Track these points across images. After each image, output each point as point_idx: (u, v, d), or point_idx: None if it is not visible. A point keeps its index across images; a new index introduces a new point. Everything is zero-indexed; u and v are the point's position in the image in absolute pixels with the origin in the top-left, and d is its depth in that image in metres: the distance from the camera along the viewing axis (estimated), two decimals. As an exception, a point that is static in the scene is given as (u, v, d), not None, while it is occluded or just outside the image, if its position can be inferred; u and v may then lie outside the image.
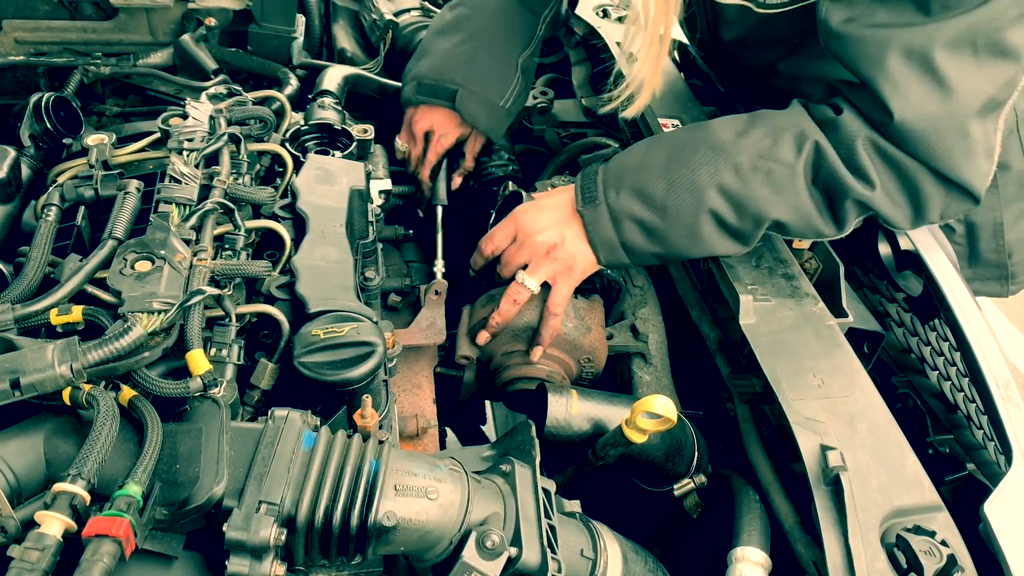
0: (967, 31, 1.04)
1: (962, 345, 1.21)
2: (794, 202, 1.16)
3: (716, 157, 1.16)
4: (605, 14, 1.90)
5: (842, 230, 1.19)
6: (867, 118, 1.12)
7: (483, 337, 1.28)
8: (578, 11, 1.86)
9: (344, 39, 1.86)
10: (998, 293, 1.60)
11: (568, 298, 1.27)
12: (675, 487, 1.15)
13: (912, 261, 1.34)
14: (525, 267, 1.26)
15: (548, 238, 1.24)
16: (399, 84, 1.67)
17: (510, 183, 1.42)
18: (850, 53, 1.11)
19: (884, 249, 1.39)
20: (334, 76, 1.57)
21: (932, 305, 1.31)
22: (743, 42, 1.49)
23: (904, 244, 1.34)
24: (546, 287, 1.26)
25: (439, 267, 1.39)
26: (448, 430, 1.47)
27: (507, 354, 1.31)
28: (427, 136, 1.57)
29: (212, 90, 1.32)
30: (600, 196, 1.21)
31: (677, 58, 1.98)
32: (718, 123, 1.22)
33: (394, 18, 1.85)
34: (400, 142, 1.60)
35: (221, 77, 1.56)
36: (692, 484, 1.14)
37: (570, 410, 1.11)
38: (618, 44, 1.78)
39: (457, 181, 1.63)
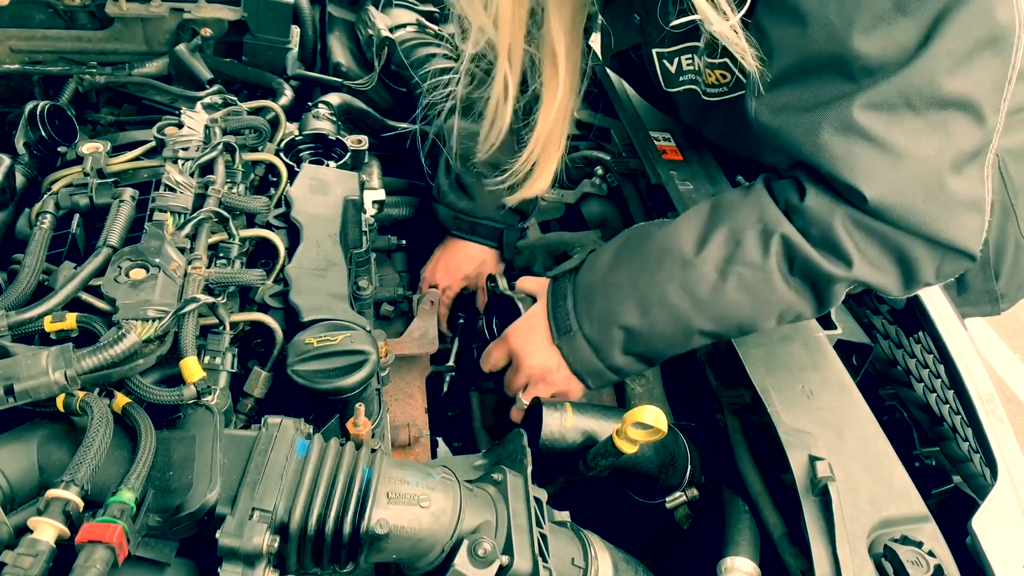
0: (897, 93, 0.97)
1: (945, 358, 1.23)
2: (774, 300, 1.10)
3: (683, 271, 1.10)
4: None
5: (830, 307, 1.13)
6: (841, 197, 1.04)
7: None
8: None
9: (339, 52, 1.87)
10: (990, 313, 1.61)
11: None
12: (667, 500, 1.15)
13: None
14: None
15: (541, 362, 1.21)
16: (396, 124, 1.69)
17: (499, 280, 1.38)
18: (791, 145, 1.04)
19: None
20: (333, 98, 1.58)
21: (916, 318, 1.32)
22: (701, 121, 1.47)
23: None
24: None
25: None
26: (439, 440, 1.48)
27: None
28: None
29: (207, 100, 1.33)
30: (574, 326, 1.18)
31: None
32: (676, 228, 1.15)
33: (390, 34, 1.86)
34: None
35: (216, 87, 1.57)
36: (684, 497, 1.15)
37: (565, 424, 1.12)
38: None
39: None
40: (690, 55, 1.27)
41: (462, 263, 1.56)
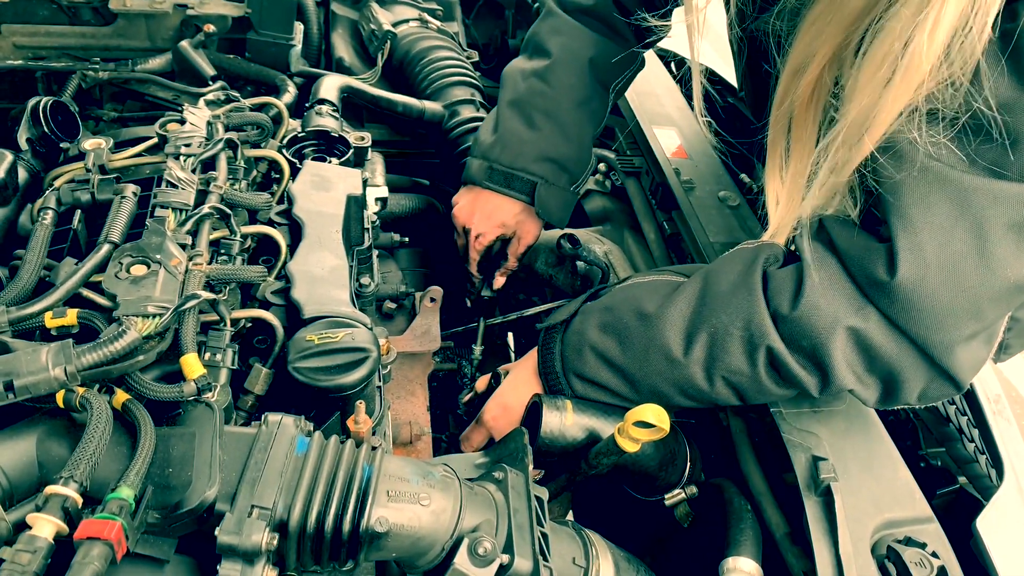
0: None
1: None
2: (765, 397, 1.09)
3: (671, 368, 1.08)
4: None
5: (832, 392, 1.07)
6: (854, 278, 0.98)
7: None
8: None
9: (342, 48, 1.87)
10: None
11: None
12: (666, 497, 1.15)
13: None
14: None
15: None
16: (392, 96, 1.69)
17: (476, 388, 1.37)
18: (891, 187, 0.93)
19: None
20: (330, 85, 1.58)
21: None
22: None
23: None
24: None
25: (477, 352, 1.52)
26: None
27: None
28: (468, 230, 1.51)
29: (210, 96, 1.32)
30: (567, 390, 1.17)
31: (674, 70, 1.99)
32: (662, 319, 1.08)
33: (392, 29, 1.86)
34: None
35: (219, 83, 1.56)
36: (683, 495, 1.14)
37: (564, 421, 1.11)
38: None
39: (500, 281, 1.58)
40: None
41: (495, 211, 1.48)
